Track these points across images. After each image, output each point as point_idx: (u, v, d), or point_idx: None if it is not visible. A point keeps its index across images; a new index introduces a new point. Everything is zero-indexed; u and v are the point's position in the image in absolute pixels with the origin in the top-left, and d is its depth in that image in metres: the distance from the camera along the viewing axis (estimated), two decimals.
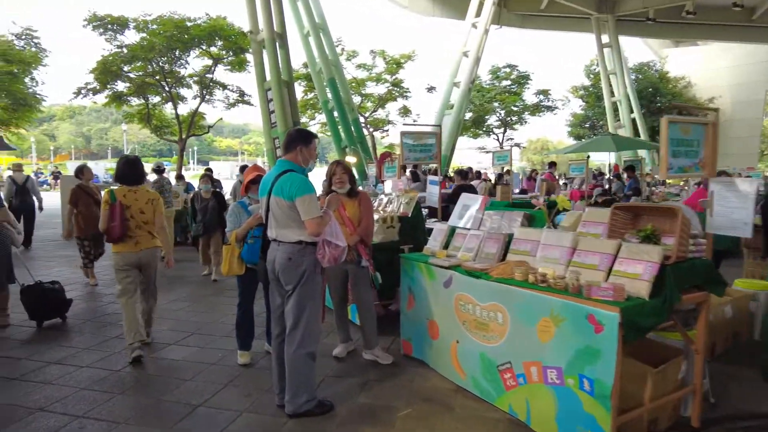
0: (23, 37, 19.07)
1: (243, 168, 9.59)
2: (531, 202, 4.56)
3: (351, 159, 15.88)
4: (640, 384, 2.87)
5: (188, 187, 11.97)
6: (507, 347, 3.18)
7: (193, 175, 32.95)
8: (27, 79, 18.89)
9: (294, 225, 3.10)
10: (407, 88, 25.07)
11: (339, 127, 19.78)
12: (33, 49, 18.79)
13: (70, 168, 43.98)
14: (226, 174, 53.31)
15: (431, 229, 5.41)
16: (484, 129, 31.11)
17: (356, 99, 23.69)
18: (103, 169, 40.13)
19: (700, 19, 26.86)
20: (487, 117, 30.14)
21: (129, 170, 4.44)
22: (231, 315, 5.49)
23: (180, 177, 12.32)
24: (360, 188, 4.43)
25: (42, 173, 42.24)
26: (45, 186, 34.26)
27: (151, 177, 10.44)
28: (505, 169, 12.69)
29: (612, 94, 27.53)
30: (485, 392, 3.38)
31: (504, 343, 3.20)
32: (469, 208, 4.31)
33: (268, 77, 17.44)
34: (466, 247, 3.85)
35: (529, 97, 31.21)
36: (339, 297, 4.25)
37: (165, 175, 9.80)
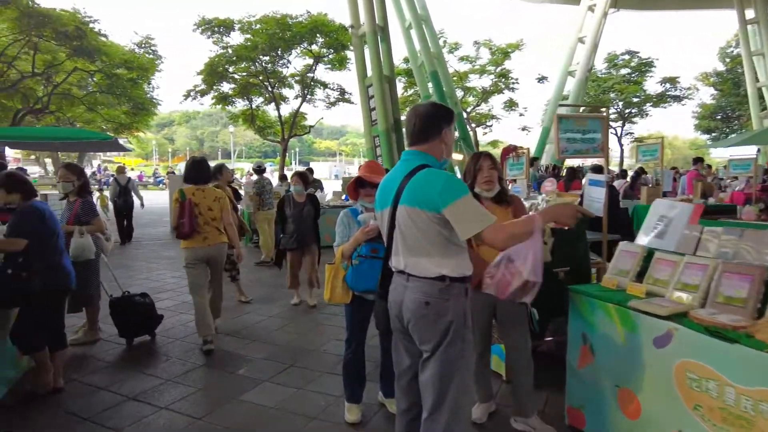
0: (143, 45, 20.18)
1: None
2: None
3: (457, 157, 14.72)
4: None
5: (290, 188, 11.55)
6: None
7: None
8: (145, 85, 19.92)
9: (435, 251, 2.03)
10: (515, 79, 23.28)
11: None
12: (150, 56, 19.78)
13: (182, 168, 47.23)
14: (325, 174, 54.43)
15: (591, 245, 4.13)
16: None
17: (458, 93, 22.41)
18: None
19: None
20: (602, 109, 27.29)
21: (195, 171, 4.71)
22: (336, 341, 4.61)
23: (283, 177, 11.91)
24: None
25: (160, 173, 45.76)
26: (161, 185, 36.91)
27: (253, 177, 10.08)
28: (615, 166, 10.80)
29: (756, 78, 23.65)
30: None
31: None
32: (671, 221, 2.98)
33: (369, 73, 16.82)
34: (681, 282, 2.55)
35: (652, 86, 27.90)
36: (483, 340, 3.12)
37: (266, 175, 9.38)
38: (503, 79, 23.31)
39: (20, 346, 3.50)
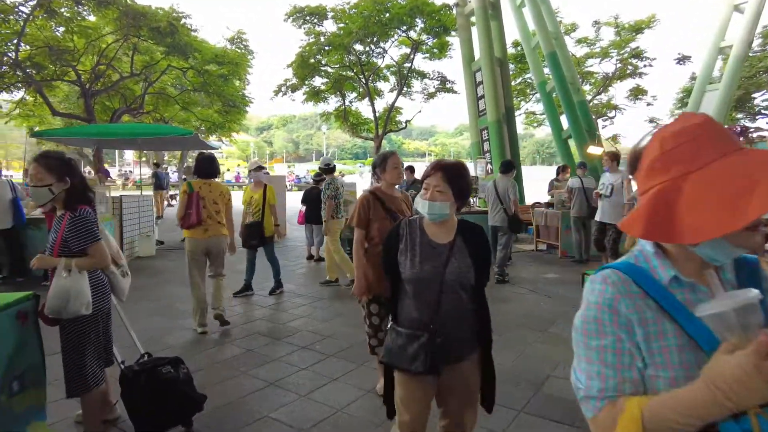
0: (235, 41, 19.48)
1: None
2: None
3: (595, 150, 12.02)
4: None
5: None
6: None
7: None
8: (236, 82, 19.19)
9: None
10: (650, 60, 19.52)
11: (560, 112, 16.00)
12: (241, 50, 19.02)
13: (277, 169, 47.47)
14: (417, 175, 52.48)
15: None
16: (747, 110, 23.57)
17: None
18: (305, 170, 42.42)
19: None
20: (753, 95, 22.67)
21: (205, 166, 4.99)
22: None
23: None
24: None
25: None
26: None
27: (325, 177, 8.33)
28: None
29: None
30: None
31: None
32: None
33: (477, 56, 14.58)
34: None
35: None
36: None
37: (338, 174, 7.55)
38: (635, 60, 19.63)
39: None
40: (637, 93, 21.42)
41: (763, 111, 23.57)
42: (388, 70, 18.91)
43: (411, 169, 9.81)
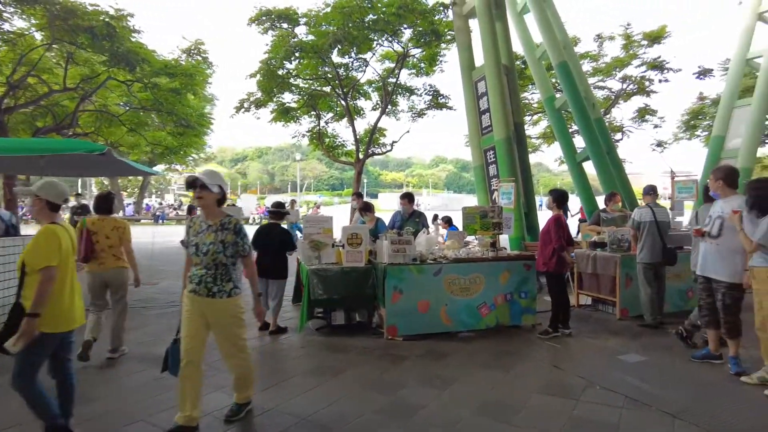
0: (192, 52, 16.77)
1: None
2: None
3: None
4: None
5: (379, 226, 6.78)
6: None
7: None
8: (191, 98, 16.37)
9: None
10: (676, 69, 17.20)
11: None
12: (198, 58, 16.26)
13: (244, 200, 44.20)
14: (395, 206, 49.94)
15: None
16: None
17: None
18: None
19: None
20: None
21: (101, 203, 5.16)
22: None
23: (367, 208, 7.09)
24: None
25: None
26: None
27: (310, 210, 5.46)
28: None
29: None
30: None
31: None
32: None
33: (478, 64, 12.21)
34: None
35: None
36: None
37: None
38: (653, 73, 17.49)
39: None
40: (644, 113, 19.37)
41: None
42: (370, 86, 16.42)
43: (409, 198, 7.02)
